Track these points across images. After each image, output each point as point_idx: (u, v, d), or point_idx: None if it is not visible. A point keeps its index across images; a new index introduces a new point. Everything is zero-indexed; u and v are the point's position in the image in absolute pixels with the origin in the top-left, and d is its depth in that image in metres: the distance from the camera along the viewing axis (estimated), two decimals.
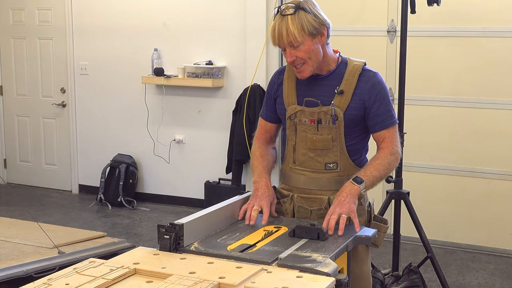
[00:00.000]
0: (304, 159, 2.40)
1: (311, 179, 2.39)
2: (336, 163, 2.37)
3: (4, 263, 3.63)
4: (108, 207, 6.00)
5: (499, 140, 4.69)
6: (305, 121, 2.37)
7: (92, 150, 6.43)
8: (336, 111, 2.32)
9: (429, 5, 3.51)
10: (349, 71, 2.38)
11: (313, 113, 2.35)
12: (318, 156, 2.38)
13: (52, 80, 6.57)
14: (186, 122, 5.95)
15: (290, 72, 2.44)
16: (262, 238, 2.13)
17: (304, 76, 2.33)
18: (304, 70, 2.31)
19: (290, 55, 2.27)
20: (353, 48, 5.05)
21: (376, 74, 2.39)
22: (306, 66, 2.30)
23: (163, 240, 1.98)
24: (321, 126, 2.35)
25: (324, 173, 2.38)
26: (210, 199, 5.61)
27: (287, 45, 2.26)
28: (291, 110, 2.39)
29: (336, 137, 2.35)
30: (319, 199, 2.38)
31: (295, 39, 2.23)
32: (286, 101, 2.41)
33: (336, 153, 2.36)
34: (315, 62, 2.31)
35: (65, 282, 1.69)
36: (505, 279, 4.25)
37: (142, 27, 6.00)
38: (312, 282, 1.71)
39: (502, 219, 4.73)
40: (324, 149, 2.36)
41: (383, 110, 2.35)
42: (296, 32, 2.23)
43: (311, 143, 2.37)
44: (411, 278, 3.51)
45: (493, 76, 4.66)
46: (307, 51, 2.27)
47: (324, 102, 2.34)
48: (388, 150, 2.36)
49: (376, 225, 2.40)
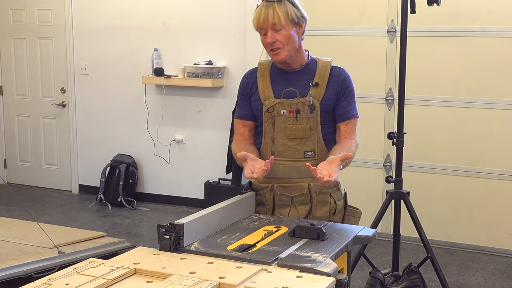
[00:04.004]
0: (283, 149, 2.51)
1: (291, 168, 2.50)
2: (314, 151, 2.50)
3: (4, 263, 3.63)
4: (108, 207, 6.00)
5: (499, 140, 4.69)
6: (284, 113, 2.49)
7: (92, 150, 6.43)
8: (313, 101, 2.47)
9: (429, 5, 3.51)
10: (320, 67, 2.54)
11: (291, 104, 2.48)
12: (297, 145, 2.50)
13: (52, 80, 6.57)
14: (186, 122, 5.95)
15: (262, 71, 2.58)
16: (262, 238, 2.13)
17: (280, 59, 2.45)
18: (280, 53, 2.44)
19: (271, 36, 2.41)
20: (353, 48, 5.07)
21: (344, 69, 2.58)
22: (282, 51, 2.43)
23: (163, 240, 1.98)
24: (300, 116, 2.48)
25: (303, 161, 2.48)
26: (210, 199, 5.61)
27: (270, 27, 2.40)
28: (269, 104, 2.50)
29: (313, 126, 2.49)
30: (299, 186, 2.49)
31: (279, 22, 2.38)
32: (263, 96, 2.53)
33: (314, 141, 2.49)
34: (291, 49, 2.45)
35: (65, 282, 1.69)
36: (505, 279, 4.25)
37: (142, 27, 6.00)
38: (312, 282, 1.71)
39: (502, 219, 4.73)
40: (303, 137, 2.49)
41: (349, 102, 2.53)
42: (281, 15, 2.38)
43: (291, 133, 2.49)
44: (411, 278, 3.51)
45: (493, 76, 4.67)
46: (287, 36, 2.42)
47: (302, 93, 2.49)
48: (353, 140, 2.51)
49: (351, 210, 2.57)
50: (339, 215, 2.53)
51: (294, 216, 2.48)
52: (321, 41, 5.06)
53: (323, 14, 5.14)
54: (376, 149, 4.98)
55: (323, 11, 5.14)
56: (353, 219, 2.55)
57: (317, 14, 5.11)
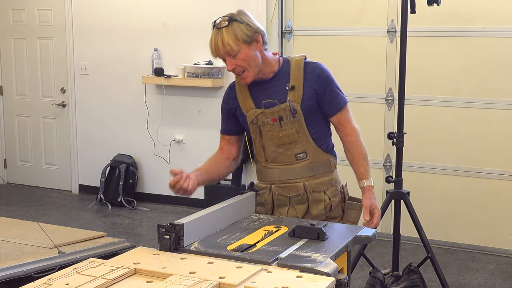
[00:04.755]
0: (275, 156, 2.53)
1: (285, 171, 2.53)
2: (305, 152, 2.52)
3: (4, 263, 3.63)
4: (108, 207, 6.00)
5: (499, 140, 4.69)
6: (268, 121, 2.51)
7: (92, 150, 6.43)
8: (293, 106, 2.47)
9: (429, 5, 3.51)
10: (293, 67, 2.51)
11: (273, 113, 2.49)
12: (287, 150, 2.52)
13: (52, 80, 6.57)
14: (186, 122, 5.95)
15: (240, 84, 2.57)
16: (262, 238, 2.13)
17: (247, 82, 2.48)
18: (246, 76, 2.46)
19: (230, 64, 2.42)
20: (353, 48, 5.07)
21: (318, 63, 2.55)
22: (247, 73, 2.45)
23: (163, 240, 1.98)
24: (284, 123, 2.49)
25: (296, 163, 2.52)
26: (210, 199, 5.61)
27: (226, 55, 2.40)
28: (252, 115, 2.52)
29: (299, 129, 2.50)
30: (295, 187, 2.52)
31: (231, 49, 2.38)
32: (244, 108, 2.54)
33: (303, 143, 2.51)
34: (255, 67, 2.44)
35: (65, 282, 1.70)
36: (505, 279, 4.25)
37: (142, 27, 6.00)
38: (312, 282, 1.71)
39: (502, 219, 4.73)
40: (291, 142, 2.51)
41: (334, 94, 2.51)
42: (231, 41, 2.37)
43: (278, 140, 2.51)
44: (411, 278, 3.51)
45: (493, 76, 4.66)
46: (245, 59, 2.40)
47: (280, 100, 2.49)
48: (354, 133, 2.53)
49: (351, 204, 2.58)
50: (336, 210, 2.55)
51: (293, 215, 2.51)
52: (321, 41, 5.06)
53: (323, 14, 5.14)
54: (376, 149, 4.98)
55: (323, 11, 5.14)
56: (354, 212, 2.56)
57: (317, 14, 5.12)
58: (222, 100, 2.66)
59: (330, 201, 2.52)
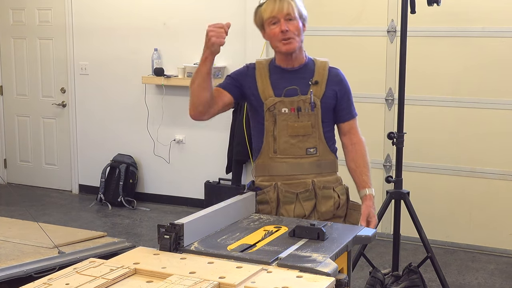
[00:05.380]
0: (286, 147, 2.53)
1: (294, 165, 2.53)
2: (316, 147, 2.54)
3: (4, 263, 3.63)
4: (108, 207, 6.00)
5: (499, 140, 4.69)
6: (285, 111, 2.52)
7: (92, 150, 6.43)
8: (314, 99, 2.51)
9: (429, 5, 3.51)
10: (318, 66, 2.60)
11: (292, 102, 2.51)
12: (299, 142, 2.53)
13: (52, 80, 6.57)
14: (186, 122, 5.95)
15: (261, 70, 2.59)
16: (262, 238, 2.13)
17: (292, 48, 2.48)
18: (292, 43, 2.49)
19: (284, 25, 2.45)
20: (353, 48, 5.07)
21: (340, 70, 2.64)
22: (294, 41, 2.49)
23: (163, 240, 1.98)
24: (301, 114, 2.51)
25: (305, 158, 2.53)
26: (210, 199, 5.61)
27: (284, 16, 2.45)
28: (270, 102, 2.52)
29: (315, 124, 2.53)
30: (303, 183, 2.53)
31: (292, 11, 2.45)
32: (263, 95, 2.54)
33: (315, 138, 2.54)
34: (299, 41, 2.50)
35: (65, 282, 1.69)
36: (505, 279, 4.25)
37: (142, 27, 6.00)
38: (312, 282, 1.71)
39: (502, 219, 4.73)
40: (305, 134, 2.53)
41: (350, 102, 2.63)
42: (294, 6, 2.47)
43: (293, 130, 2.52)
44: (411, 278, 3.51)
45: (493, 76, 4.66)
46: (298, 28, 2.48)
47: (302, 91, 2.52)
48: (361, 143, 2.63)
49: (353, 205, 2.61)
50: (342, 209, 2.57)
51: (300, 212, 2.50)
52: (321, 41, 5.06)
53: (323, 14, 5.13)
54: (376, 149, 4.98)
55: (323, 11, 5.13)
56: (355, 213, 2.59)
57: (317, 14, 5.11)
58: (232, 72, 2.66)
59: (339, 198, 2.55)
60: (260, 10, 2.51)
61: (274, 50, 2.57)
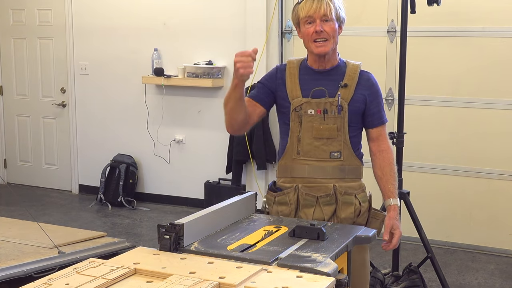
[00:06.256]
0: (309, 149, 2.48)
1: (316, 168, 2.48)
2: (340, 152, 2.48)
3: (4, 263, 3.63)
4: (108, 207, 6.00)
5: (499, 140, 4.69)
6: (311, 112, 2.47)
7: (92, 150, 6.43)
8: (341, 102, 2.46)
9: (429, 5, 3.51)
10: (349, 69, 2.54)
11: (319, 104, 2.47)
12: (324, 145, 2.47)
13: (52, 80, 6.57)
14: (186, 122, 5.95)
15: (291, 69, 2.55)
16: (262, 238, 2.13)
17: (324, 51, 2.44)
18: (325, 45, 2.44)
19: (319, 26, 2.40)
20: (353, 48, 5.06)
21: (372, 74, 2.60)
22: (327, 43, 2.44)
23: (163, 240, 1.98)
24: (327, 116, 2.46)
25: (329, 162, 2.48)
26: (210, 199, 5.61)
27: (321, 16, 2.40)
28: (297, 103, 2.49)
29: (340, 127, 2.47)
30: (324, 187, 2.47)
31: (330, 13, 2.40)
32: (291, 95, 2.51)
33: (340, 142, 2.48)
34: (333, 44, 2.46)
35: (65, 282, 1.69)
36: (505, 279, 4.25)
37: (142, 27, 6.00)
38: (312, 282, 1.71)
39: (502, 219, 4.73)
40: (330, 137, 2.47)
41: (381, 108, 2.57)
42: (332, 7, 2.41)
43: (317, 132, 2.47)
44: (411, 278, 3.51)
45: (493, 76, 4.66)
46: (333, 30, 2.43)
47: (330, 94, 2.48)
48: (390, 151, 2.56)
49: (375, 213, 2.55)
50: (363, 216, 2.50)
51: (319, 216, 2.45)
52: None
53: None
54: None
55: None
56: (376, 222, 2.53)
57: None
58: (262, 77, 2.64)
59: (360, 206, 2.48)
60: (297, 8, 2.46)
61: (307, 50, 2.51)
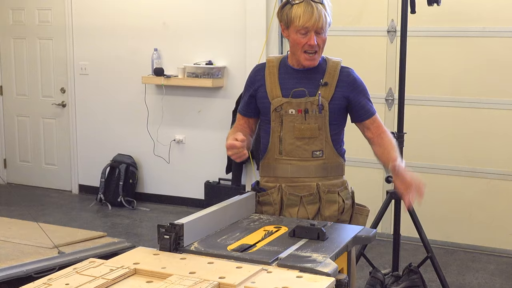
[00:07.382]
0: (291, 148, 2.49)
1: (299, 167, 2.49)
2: (322, 150, 2.49)
3: (4, 263, 3.63)
4: (108, 207, 6.00)
5: (499, 140, 4.69)
6: (292, 112, 2.47)
7: (92, 150, 6.43)
8: (322, 101, 2.45)
9: (429, 5, 3.51)
10: (330, 66, 2.53)
11: (300, 104, 2.46)
12: (306, 144, 2.48)
13: (52, 80, 6.57)
14: (186, 122, 5.95)
15: (270, 68, 2.54)
16: (262, 238, 2.13)
17: (313, 64, 2.45)
18: (315, 58, 2.45)
19: (314, 39, 2.40)
20: (353, 48, 5.07)
21: (353, 70, 2.56)
22: (317, 56, 2.45)
23: (163, 240, 1.98)
24: (308, 116, 2.46)
25: (311, 161, 2.48)
26: (210, 199, 5.61)
27: (317, 28, 2.39)
28: (277, 103, 2.48)
29: (322, 126, 2.47)
30: (307, 186, 2.48)
31: (324, 26, 2.40)
32: (270, 95, 2.50)
33: (322, 141, 2.48)
34: (321, 54, 2.47)
35: (65, 282, 1.69)
36: (505, 279, 4.25)
37: (142, 27, 6.00)
38: (312, 282, 1.71)
39: (502, 219, 4.73)
40: (311, 137, 2.47)
41: (367, 101, 2.54)
42: (324, 19, 2.39)
43: (299, 132, 2.47)
44: (411, 278, 3.51)
45: (493, 76, 4.66)
46: (324, 41, 2.45)
47: (310, 92, 2.47)
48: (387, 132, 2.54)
49: (359, 209, 2.56)
50: (347, 213, 2.52)
51: (303, 215, 2.47)
52: None
53: None
54: None
55: None
56: (361, 218, 2.55)
57: None
58: (247, 80, 2.62)
59: (343, 203, 2.50)
60: (291, 11, 2.38)
61: (292, 53, 2.48)
